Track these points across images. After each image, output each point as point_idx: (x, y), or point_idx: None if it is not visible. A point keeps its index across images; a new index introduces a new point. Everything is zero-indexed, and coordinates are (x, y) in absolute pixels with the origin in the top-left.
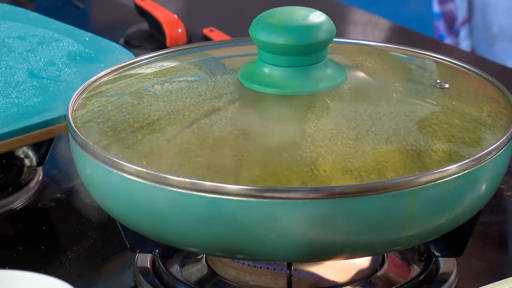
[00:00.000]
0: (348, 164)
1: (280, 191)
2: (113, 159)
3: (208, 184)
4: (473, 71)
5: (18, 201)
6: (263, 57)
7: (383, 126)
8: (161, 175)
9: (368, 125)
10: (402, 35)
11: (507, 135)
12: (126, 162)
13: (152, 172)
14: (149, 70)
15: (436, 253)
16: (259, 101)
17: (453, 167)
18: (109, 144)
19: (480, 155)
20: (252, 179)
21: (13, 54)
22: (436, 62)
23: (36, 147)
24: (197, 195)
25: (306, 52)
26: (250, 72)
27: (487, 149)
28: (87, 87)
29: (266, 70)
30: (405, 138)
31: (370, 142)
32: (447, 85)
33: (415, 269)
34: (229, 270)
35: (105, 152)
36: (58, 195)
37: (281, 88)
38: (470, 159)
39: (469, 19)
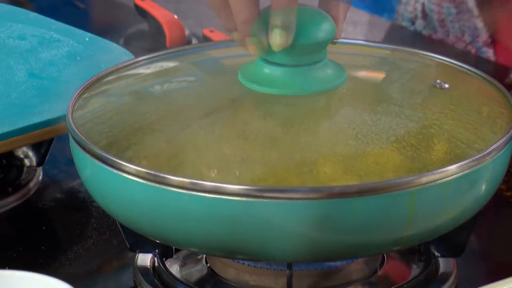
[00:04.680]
0: (348, 164)
1: (280, 191)
2: (113, 159)
3: (208, 184)
4: (473, 72)
5: (18, 201)
6: (263, 57)
7: (383, 126)
8: (161, 175)
9: (368, 125)
10: (402, 35)
11: (507, 136)
12: (126, 162)
13: (152, 172)
14: (149, 71)
15: (436, 253)
16: (259, 101)
17: (453, 168)
18: (109, 144)
19: (480, 156)
20: (252, 179)
21: (13, 55)
22: (436, 62)
23: (36, 147)
24: (197, 195)
25: (306, 51)
26: (250, 72)
27: (487, 149)
28: (87, 87)
29: (266, 70)
30: (405, 139)
31: (370, 143)
32: (447, 86)
33: (415, 269)
34: (229, 270)
35: (105, 152)
36: (58, 195)
37: (281, 88)
38: (470, 160)
39: None
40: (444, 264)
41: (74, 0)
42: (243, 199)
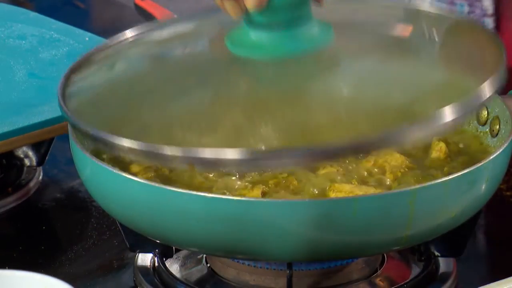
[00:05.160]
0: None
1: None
2: (110, 138)
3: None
4: (470, 23)
5: (18, 201)
6: (247, 19)
7: (376, 85)
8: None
9: (359, 85)
10: None
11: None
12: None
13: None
14: (138, 45)
15: (436, 253)
16: (246, 68)
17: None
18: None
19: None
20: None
21: (13, 55)
22: (430, 15)
23: (36, 147)
24: (197, 194)
25: (284, 8)
26: (236, 38)
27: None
28: (73, 70)
29: (251, 33)
30: (399, 97)
31: (362, 108)
32: (441, 42)
33: (415, 269)
34: (229, 270)
35: (101, 131)
36: (58, 195)
37: (267, 52)
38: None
39: None
40: (444, 264)
41: (74, 0)
42: (243, 198)
